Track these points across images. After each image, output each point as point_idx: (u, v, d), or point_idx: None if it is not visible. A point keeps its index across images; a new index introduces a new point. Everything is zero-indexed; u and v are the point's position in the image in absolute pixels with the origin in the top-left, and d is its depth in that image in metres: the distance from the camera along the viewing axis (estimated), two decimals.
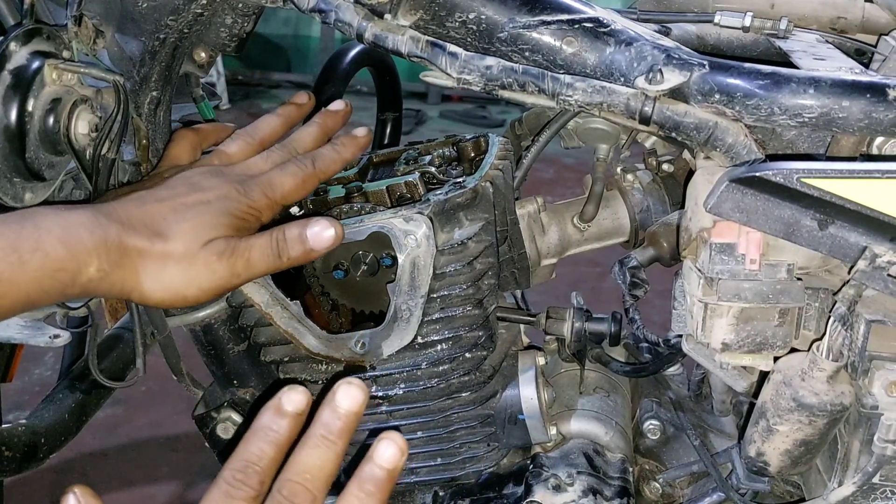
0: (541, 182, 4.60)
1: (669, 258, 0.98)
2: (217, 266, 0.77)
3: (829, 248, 0.74)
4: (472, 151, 0.98)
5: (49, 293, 0.72)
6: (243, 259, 0.78)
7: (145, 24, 0.87)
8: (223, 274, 0.77)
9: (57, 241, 0.71)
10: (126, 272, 0.75)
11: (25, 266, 0.70)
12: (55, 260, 0.71)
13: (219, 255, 0.77)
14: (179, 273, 0.76)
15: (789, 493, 0.99)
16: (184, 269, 0.76)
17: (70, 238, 0.72)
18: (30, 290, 0.71)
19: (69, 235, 0.72)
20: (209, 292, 0.78)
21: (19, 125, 0.83)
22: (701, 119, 0.78)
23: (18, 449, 1.13)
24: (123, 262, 0.75)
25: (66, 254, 0.71)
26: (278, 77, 6.98)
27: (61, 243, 0.71)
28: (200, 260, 0.76)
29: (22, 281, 0.70)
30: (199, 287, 0.77)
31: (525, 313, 1.03)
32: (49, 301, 0.73)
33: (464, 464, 1.02)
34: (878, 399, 0.75)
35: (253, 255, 0.78)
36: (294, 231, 0.80)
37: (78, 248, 0.72)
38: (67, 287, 0.72)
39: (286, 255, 0.80)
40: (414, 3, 0.83)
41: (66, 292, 0.73)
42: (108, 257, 0.74)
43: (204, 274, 0.77)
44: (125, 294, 0.77)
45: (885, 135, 0.76)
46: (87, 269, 0.72)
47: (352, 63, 1.37)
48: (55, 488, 2.35)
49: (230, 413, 1.02)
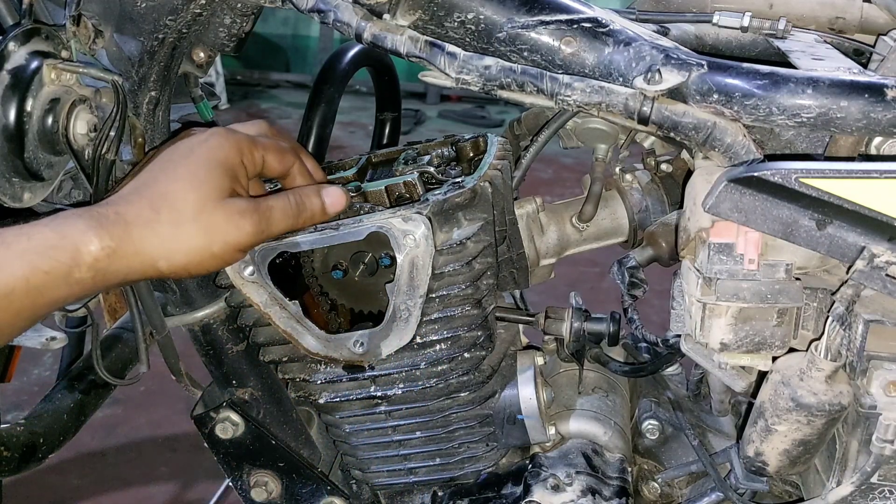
0: (539, 182, 4.60)
1: (668, 258, 0.98)
2: (241, 222, 0.79)
3: (827, 248, 0.74)
4: (470, 151, 0.98)
5: (52, 275, 0.71)
6: (265, 218, 0.81)
7: (144, 23, 0.87)
8: (249, 230, 0.80)
9: (42, 226, 0.73)
10: (138, 244, 0.76)
11: (11, 247, 0.71)
12: (43, 240, 0.71)
13: (241, 213, 0.79)
14: (199, 232, 0.78)
15: (788, 493, 0.99)
16: (203, 226, 0.78)
17: (57, 222, 0.73)
18: (26, 273, 0.70)
19: (57, 220, 0.74)
20: (236, 247, 0.80)
21: (18, 125, 0.83)
22: (699, 119, 0.78)
23: (17, 449, 1.13)
24: (131, 235, 0.75)
25: (54, 234, 0.72)
26: (277, 77, 6.98)
27: (47, 227, 0.73)
28: (221, 216, 0.78)
29: (10, 260, 0.70)
30: (226, 241, 0.79)
31: (524, 313, 1.03)
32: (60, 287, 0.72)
33: (463, 464, 1.02)
34: (876, 399, 0.75)
35: (274, 215, 0.82)
36: (312, 196, 0.86)
37: (67, 228, 0.73)
38: (73, 268, 0.72)
39: (304, 216, 0.85)
40: (413, 4, 0.83)
41: (74, 275, 0.73)
42: (109, 232, 0.74)
43: (229, 230, 0.79)
44: (150, 267, 0.77)
45: (884, 135, 0.76)
46: (88, 248, 0.73)
47: (350, 63, 1.37)
48: (54, 488, 2.35)
49: (229, 413, 1.02)
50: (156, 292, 0.99)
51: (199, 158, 0.80)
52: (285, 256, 0.91)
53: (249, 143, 0.83)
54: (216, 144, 0.81)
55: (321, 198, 0.86)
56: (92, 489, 2.41)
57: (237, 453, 1.04)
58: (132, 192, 0.79)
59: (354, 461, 1.04)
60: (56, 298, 0.73)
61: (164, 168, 0.80)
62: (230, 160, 0.81)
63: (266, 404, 1.06)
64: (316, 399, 0.97)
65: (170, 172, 0.79)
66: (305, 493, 1.05)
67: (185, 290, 1.00)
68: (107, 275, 0.75)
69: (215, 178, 0.79)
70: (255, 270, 0.89)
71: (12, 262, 0.70)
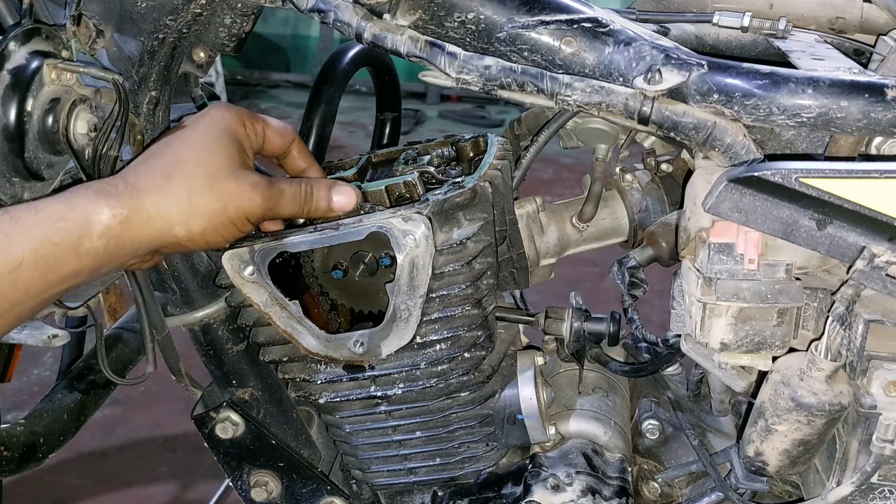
0: (539, 182, 4.60)
1: (668, 258, 0.98)
2: (253, 195, 0.81)
3: (827, 248, 0.74)
4: (470, 151, 0.98)
5: (62, 246, 0.71)
6: (275, 197, 0.83)
7: (144, 23, 0.87)
8: (259, 203, 0.81)
9: (52, 199, 0.74)
10: (152, 209, 0.76)
11: (20, 221, 0.71)
12: (52, 212, 0.72)
13: (253, 186, 0.81)
14: (213, 197, 0.79)
15: (788, 493, 0.99)
16: (216, 193, 0.79)
17: (67, 194, 0.74)
18: (34, 245, 0.70)
19: (66, 193, 0.74)
20: (249, 215, 0.81)
21: (18, 125, 0.83)
22: (699, 119, 0.78)
23: (17, 449, 1.13)
24: (143, 202, 0.76)
25: (63, 205, 0.73)
26: (277, 77, 6.98)
27: (56, 200, 0.74)
28: (234, 185, 0.79)
29: (19, 233, 0.70)
30: (239, 207, 0.80)
31: (524, 313, 1.03)
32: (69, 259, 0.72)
33: (463, 463, 1.02)
34: (876, 399, 0.75)
35: (284, 198, 0.84)
36: (322, 190, 0.87)
37: (77, 199, 0.73)
38: (84, 237, 0.72)
39: (309, 208, 0.86)
40: (413, 3, 0.83)
41: (84, 244, 0.73)
42: (119, 201, 0.74)
43: (242, 199, 0.80)
44: (166, 233, 0.77)
45: (884, 135, 0.76)
46: (99, 217, 0.73)
47: (351, 63, 1.37)
48: (54, 488, 2.35)
49: (229, 413, 1.02)
50: (156, 292, 0.99)
51: (206, 128, 0.81)
52: (285, 256, 0.91)
53: (250, 115, 0.85)
54: (219, 114, 0.83)
55: (330, 193, 0.87)
56: (92, 489, 2.40)
57: (237, 453, 1.04)
58: (139, 163, 0.80)
59: (354, 461, 1.04)
60: (67, 273, 0.73)
61: (170, 141, 0.81)
62: (234, 128, 0.82)
63: (266, 404, 1.06)
64: (316, 399, 0.97)
65: (177, 144, 0.80)
66: (305, 493, 1.05)
67: (186, 289, 1.00)
68: (119, 243, 0.75)
69: (225, 147, 0.80)
70: (255, 270, 0.89)
71: (21, 235, 0.70)
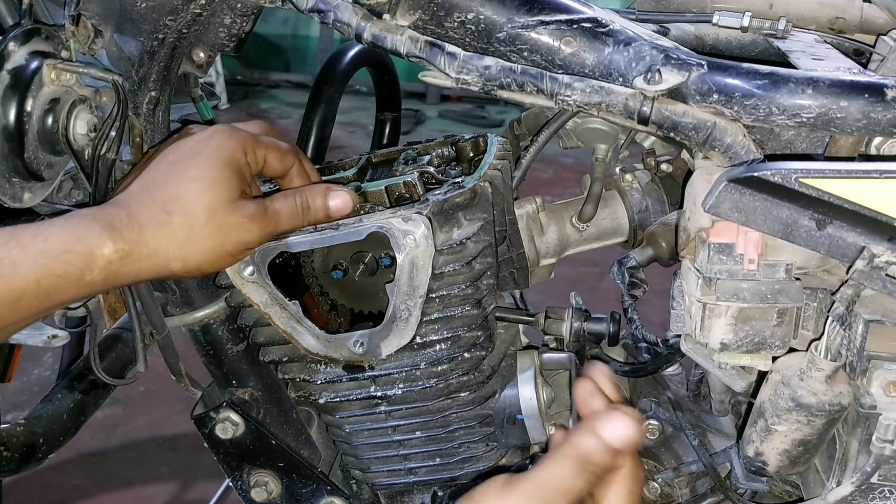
0: (539, 182, 4.60)
1: (668, 258, 0.98)
2: (251, 226, 0.81)
3: (827, 248, 0.74)
4: (470, 151, 0.98)
5: (64, 278, 0.72)
6: (273, 222, 0.83)
7: (144, 23, 0.87)
8: (258, 233, 0.82)
9: (58, 227, 0.73)
10: (151, 246, 0.76)
11: (27, 249, 0.71)
12: (58, 243, 0.72)
13: (251, 218, 0.81)
14: (213, 233, 0.79)
15: (788, 493, 0.99)
16: (216, 228, 0.79)
17: (72, 223, 0.73)
18: (38, 276, 0.71)
19: (71, 221, 0.74)
20: (249, 245, 0.83)
21: (18, 125, 0.83)
22: (699, 119, 0.78)
23: (17, 449, 1.13)
24: (144, 238, 0.76)
25: (70, 236, 0.72)
26: (277, 77, 6.98)
27: (62, 228, 0.73)
28: (233, 220, 0.80)
29: (24, 262, 0.70)
30: (238, 241, 0.81)
31: (524, 313, 1.03)
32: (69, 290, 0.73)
33: (462, 464, 1.02)
34: (876, 399, 0.75)
35: (281, 219, 0.84)
36: (318, 199, 0.87)
37: (82, 230, 0.73)
38: (85, 271, 0.73)
39: (309, 218, 0.87)
40: (412, 4, 0.83)
41: (85, 278, 0.73)
42: (122, 235, 0.74)
43: (240, 233, 0.81)
44: (163, 268, 0.78)
45: (883, 135, 0.76)
46: (101, 251, 0.73)
47: (350, 63, 1.37)
48: (54, 488, 2.35)
49: (229, 413, 1.02)
50: (156, 292, 0.99)
51: (207, 158, 0.80)
52: (285, 256, 0.91)
53: (252, 141, 0.84)
54: (221, 142, 0.81)
55: (326, 200, 0.87)
56: (92, 489, 2.41)
57: (237, 453, 1.04)
58: (142, 192, 0.79)
59: (354, 461, 1.04)
60: (64, 300, 0.74)
61: (173, 169, 0.80)
62: (236, 158, 0.81)
63: (266, 404, 1.06)
64: (316, 399, 0.97)
65: (179, 173, 0.79)
66: (305, 493, 1.05)
67: (185, 290, 1.00)
68: (117, 276, 0.76)
69: (226, 179, 0.80)
70: (255, 270, 0.89)
71: (25, 264, 0.71)
